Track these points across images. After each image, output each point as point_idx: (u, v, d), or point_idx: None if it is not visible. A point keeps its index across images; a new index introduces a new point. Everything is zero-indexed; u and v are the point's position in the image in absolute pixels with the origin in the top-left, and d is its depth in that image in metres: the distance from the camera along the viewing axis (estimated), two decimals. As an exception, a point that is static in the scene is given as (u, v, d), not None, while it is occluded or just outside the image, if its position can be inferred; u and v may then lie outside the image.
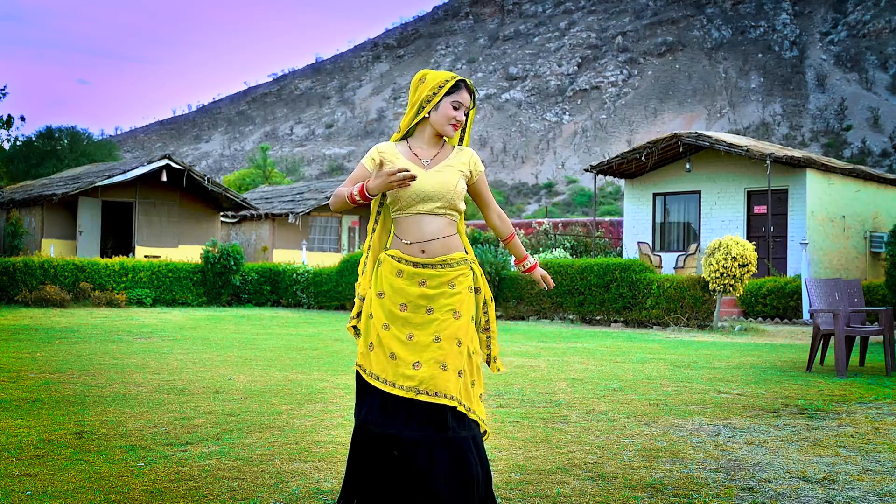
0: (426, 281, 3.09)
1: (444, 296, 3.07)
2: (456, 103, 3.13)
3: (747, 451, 4.35)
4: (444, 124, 3.14)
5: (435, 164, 3.16)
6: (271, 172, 54.62)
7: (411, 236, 3.11)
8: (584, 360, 8.89)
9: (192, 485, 3.50)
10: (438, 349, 3.00)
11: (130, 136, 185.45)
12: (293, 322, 15.00)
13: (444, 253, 3.12)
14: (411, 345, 3.03)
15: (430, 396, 2.95)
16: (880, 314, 8.21)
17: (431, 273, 3.09)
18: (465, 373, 3.04)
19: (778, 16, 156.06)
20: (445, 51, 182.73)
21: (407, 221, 3.12)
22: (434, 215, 3.10)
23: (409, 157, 3.16)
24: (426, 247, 3.11)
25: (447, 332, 3.02)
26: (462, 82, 3.16)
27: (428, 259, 3.10)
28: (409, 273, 3.09)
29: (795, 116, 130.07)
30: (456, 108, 3.13)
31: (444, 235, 3.12)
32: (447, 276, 3.10)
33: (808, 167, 19.19)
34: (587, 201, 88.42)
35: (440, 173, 3.12)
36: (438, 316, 3.04)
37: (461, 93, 3.15)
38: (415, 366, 2.99)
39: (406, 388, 2.97)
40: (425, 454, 2.92)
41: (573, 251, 23.41)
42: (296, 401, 5.77)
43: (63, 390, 6.05)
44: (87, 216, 23.55)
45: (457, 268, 3.12)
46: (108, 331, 11.80)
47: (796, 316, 15.35)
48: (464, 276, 3.12)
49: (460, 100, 3.14)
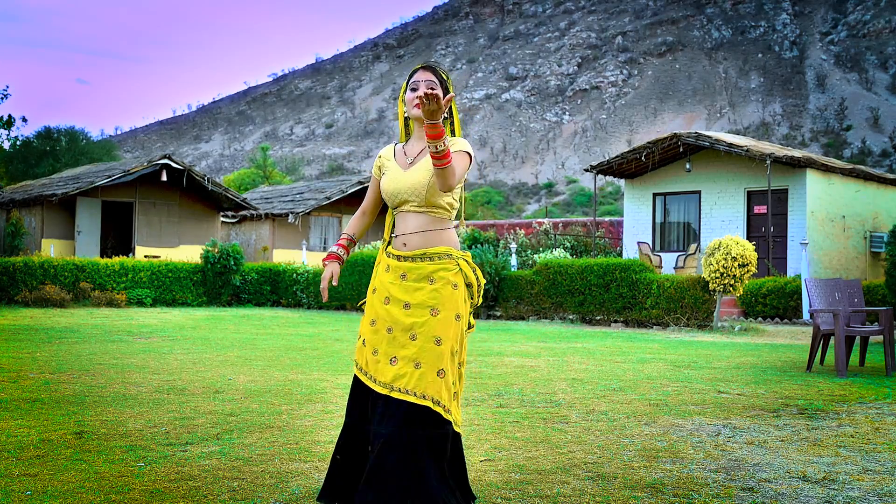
0: (406, 274, 3.12)
1: (423, 291, 3.07)
2: (413, 84, 3.20)
3: (747, 451, 4.35)
4: (410, 109, 3.20)
5: (416, 161, 3.19)
6: (271, 172, 54.64)
7: (397, 229, 3.22)
8: (584, 360, 8.89)
9: (192, 485, 3.50)
10: (414, 347, 3.01)
11: (130, 136, 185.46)
12: (293, 322, 15.00)
13: (425, 247, 3.13)
14: (390, 339, 3.06)
15: (403, 394, 2.96)
16: (880, 314, 8.21)
17: (411, 266, 3.12)
18: (447, 373, 3.03)
19: (778, 16, 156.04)
20: (445, 51, 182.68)
21: (396, 219, 3.23)
22: (416, 213, 3.15)
23: (398, 158, 3.26)
24: (407, 240, 3.16)
25: (423, 329, 3.03)
26: (420, 67, 3.24)
27: (408, 252, 3.14)
28: (393, 267, 3.16)
29: (795, 116, 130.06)
30: (414, 90, 3.19)
31: (427, 229, 3.15)
32: (425, 269, 3.10)
33: (808, 167, 19.19)
34: (587, 201, 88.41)
35: (414, 173, 3.15)
36: (415, 312, 3.05)
37: (416, 74, 3.22)
38: (392, 361, 3.03)
39: (381, 383, 3.01)
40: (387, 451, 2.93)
41: (573, 251, 23.42)
42: (296, 401, 5.77)
43: (63, 390, 6.05)
44: (86, 216, 23.55)
45: (437, 262, 3.11)
46: (108, 331, 11.80)
47: (796, 316, 15.35)
48: (445, 271, 3.10)
49: (415, 79, 3.21)
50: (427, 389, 2.96)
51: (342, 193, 27.37)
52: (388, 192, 3.19)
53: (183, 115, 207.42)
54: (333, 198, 27.16)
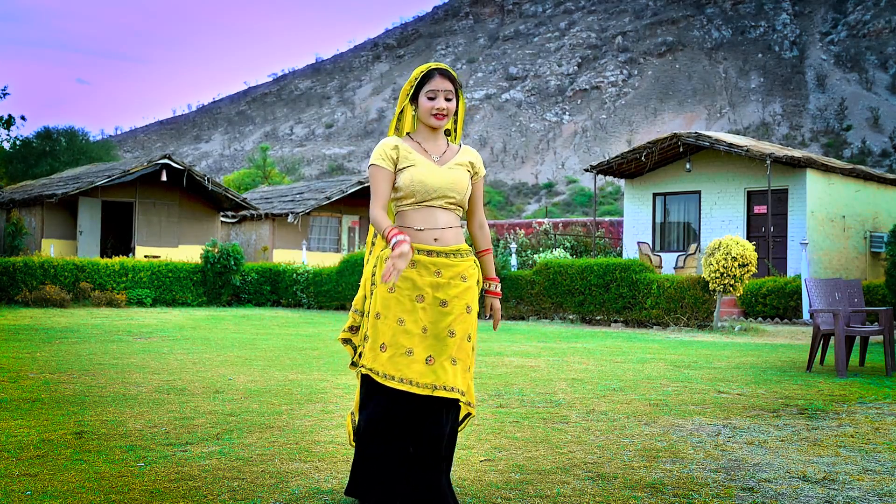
0: (441, 271, 3.08)
1: (456, 288, 3.08)
2: (430, 93, 3.13)
3: (747, 451, 4.35)
4: (426, 117, 3.15)
5: (445, 160, 3.18)
6: (271, 172, 54.62)
7: (422, 223, 3.11)
8: (584, 360, 8.89)
9: (192, 485, 3.50)
10: (453, 345, 3.05)
11: (130, 136, 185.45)
12: (293, 322, 15.00)
13: (456, 243, 3.14)
14: (425, 338, 3.03)
15: (446, 392, 3.01)
16: (880, 314, 8.21)
17: (445, 262, 3.09)
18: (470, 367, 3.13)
19: (778, 16, 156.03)
20: (445, 51, 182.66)
21: (419, 212, 3.12)
22: (445, 209, 3.14)
23: (420, 153, 3.17)
24: (439, 235, 3.11)
25: (461, 327, 3.06)
26: (435, 70, 3.15)
27: (442, 248, 3.10)
28: (424, 262, 3.08)
29: (795, 116, 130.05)
30: (432, 99, 3.12)
31: (455, 225, 3.18)
32: (459, 266, 3.12)
33: (808, 167, 19.19)
34: (587, 201, 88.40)
35: (453, 171, 3.16)
36: (453, 310, 3.05)
37: (433, 81, 3.13)
38: (428, 360, 3.01)
39: (422, 384, 2.99)
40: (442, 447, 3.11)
41: (573, 251, 23.42)
42: (296, 401, 5.77)
43: (63, 390, 6.05)
44: (86, 216, 23.55)
45: (467, 258, 3.16)
46: (108, 331, 11.79)
47: (796, 316, 15.35)
48: (473, 268, 3.18)
49: (433, 88, 3.12)
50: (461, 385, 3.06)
51: (342, 193, 27.35)
52: (426, 186, 3.09)
53: (183, 115, 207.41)
54: (333, 198, 27.15)
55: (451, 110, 3.15)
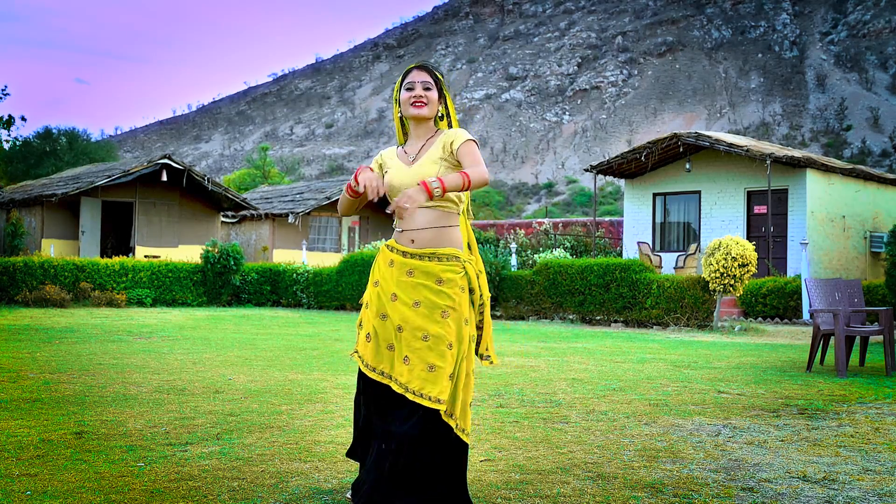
0: (413, 271, 3.09)
1: (431, 291, 3.05)
2: (409, 85, 3.21)
3: (747, 451, 4.35)
4: (406, 108, 3.21)
5: (419, 157, 3.18)
6: (271, 172, 54.62)
7: (402, 224, 3.16)
8: (584, 360, 8.89)
9: (192, 485, 3.50)
10: (427, 349, 2.99)
11: (130, 136, 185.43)
12: (293, 322, 15.00)
13: (434, 246, 3.11)
14: (401, 337, 3.05)
15: (416, 397, 2.96)
16: (880, 314, 8.21)
17: (418, 264, 3.09)
18: (458, 378, 3.04)
19: (778, 16, 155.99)
20: (445, 51, 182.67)
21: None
22: (423, 208, 3.11)
23: (400, 157, 3.25)
24: (415, 236, 3.12)
25: (435, 331, 3.01)
26: (413, 67, 3.24)
27: (416, 250, 3.11)
28: (399, 263, 3.12)
29: (795, 116, 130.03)
30: (410, 89, 3.20)
31: (436, 226, 3.11)
32: (433, 269, 3.07)
33: (808, 167, 19.19)
34: (587, 201, 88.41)
35: (420, 167, 3.14)
36: (425, 312, 3.03)
37: (410, 75, 3.22)
38: (405, 360, 3.02)
39: (399, 383, 3.01)
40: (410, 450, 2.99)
41: (573, 251, 23.42)
42: (296, 401, 5.77)
43: (63, 390, 6.05)
44: (87, 216, 23.55)
45: (445, 263, 3.09)
46: (108, 331, 11.80)
47: (796, 316, 15.35)
48: (453, 274, 3.08)
49: (411, 80, 3.21)
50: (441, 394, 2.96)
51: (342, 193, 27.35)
52: (393, 187, 3.15)
53: (183, 115, 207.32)
54: (333, 198, 27.15)
55: (430, 98, 3.19)
